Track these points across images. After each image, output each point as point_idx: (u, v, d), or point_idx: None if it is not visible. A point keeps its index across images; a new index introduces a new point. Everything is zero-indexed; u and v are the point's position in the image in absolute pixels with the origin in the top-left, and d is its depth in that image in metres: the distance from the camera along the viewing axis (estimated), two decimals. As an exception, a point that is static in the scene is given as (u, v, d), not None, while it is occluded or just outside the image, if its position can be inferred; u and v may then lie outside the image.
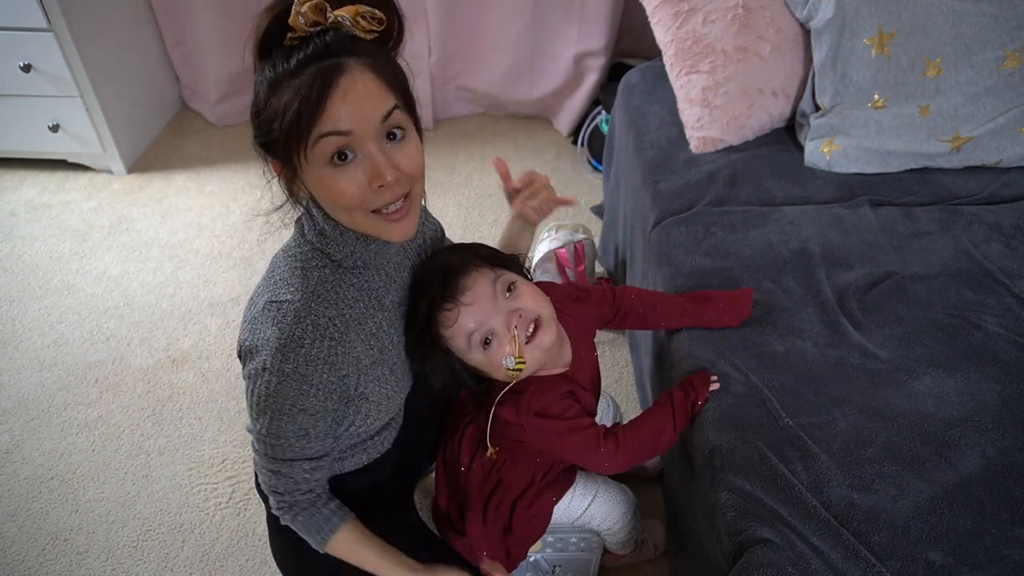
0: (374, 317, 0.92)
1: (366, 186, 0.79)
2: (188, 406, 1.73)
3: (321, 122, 0.74)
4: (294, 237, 0.92)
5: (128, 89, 2.39)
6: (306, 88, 0.73)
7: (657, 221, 1.45)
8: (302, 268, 0.87)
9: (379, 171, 0.78)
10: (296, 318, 0.83)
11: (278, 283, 0.87)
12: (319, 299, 0.86)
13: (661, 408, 1.08)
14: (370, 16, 0.76)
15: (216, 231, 2.22)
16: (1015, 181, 1.48)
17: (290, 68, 0.74)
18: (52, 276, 2.07)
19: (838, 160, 1.51)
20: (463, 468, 1.14)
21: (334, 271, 0.89)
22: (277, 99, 0.75)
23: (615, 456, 1.03)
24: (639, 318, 1.20)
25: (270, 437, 0.87)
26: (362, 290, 0.91)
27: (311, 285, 0.86)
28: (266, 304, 0.86)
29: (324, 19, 0.74)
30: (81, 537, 1.49)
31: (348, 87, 0.74)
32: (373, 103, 0.76)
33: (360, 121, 0.76)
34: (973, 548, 0.89)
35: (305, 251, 0.89)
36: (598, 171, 2.38)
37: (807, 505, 0.93)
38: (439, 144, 2.58)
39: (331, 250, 0.88)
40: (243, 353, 0.89)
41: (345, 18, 0.75)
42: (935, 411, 1.05)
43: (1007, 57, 1.42)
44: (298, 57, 0.74)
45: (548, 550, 1.27)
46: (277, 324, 0.83)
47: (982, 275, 1.27)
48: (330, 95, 0.74)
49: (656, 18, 1.65)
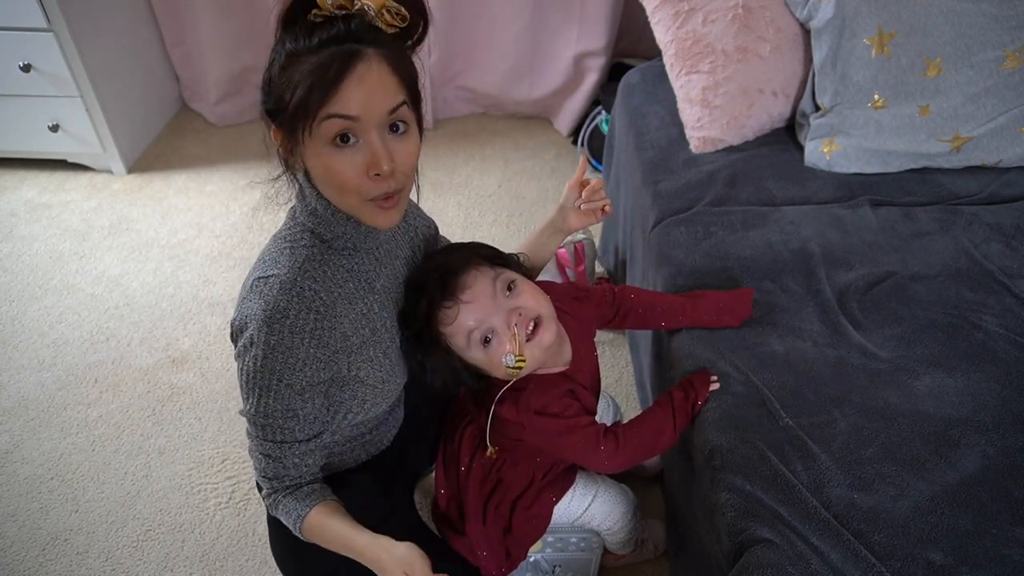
0: (365, 299, 0.94)
1: (363, 172, 0.81)
2: (188, 406, 1.73)
3: (331, 103, 0.77)
4: (285, 221, 0.94)
5: (128, 89, 2.39)
6: (323, 67, 0.76)
7: (657, 221, 1.45)
8: (291, 247, 0.89)
9: (377, 160, 0.80)
10: (281, 289, 0.85)
11: (267, 262, 0.89)
12: (305, 274, 0.87)
13: (661, 408, 1.08)
14: (395, 11, 0.79)
15: (216, 231, 2.22)
16: (1015, 181, 1.48)
17: (311, 45, 0.77)
18: (52, 276, 2.07)
19: (838, 160, 1.51)
20: (463, 468, 1.14)
21: (323, 251, 0.90)
22: (292, 72, 0.77)
23: (615, 455, 1.03)
24: (639, 318, 1.20)
25: (259, 416, 0.88)
26: (352, 271, 0.93)
27: (299, 261, 0.88)
28: (254, 281, 0.88)
29: (351, 4, 0.77)
30: (81, 537, 1.49)
31: (363, 74, 0.77)
32: (384, 94, 0.79)
33: (368, 109, 0.78)
34: (973, 548, 0.89)
35: (295, 231, 0.90)
36: (598, 171, 2.38)
37: (807, 505, 0.93)
38: (439, 144, 2.58)
39: (322, 230, 0.90)
40: (233, 333, 0.90)
41: (371, 7, 0.77)
42: (935, 411, 1.05)
43: (1007, 57, 1.42)
44: (320, 36, 0.77)
45: (548, 550, 1.27)
46: (263, 297, 0.85)
47: (982, 275, 1.27)
48: (345, 78, 0.76)
49: (656, 18, 1.65)
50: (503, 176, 2.43)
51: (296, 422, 0.90)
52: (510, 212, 2.30)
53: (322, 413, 0.93)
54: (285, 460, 0.92)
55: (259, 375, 0.86)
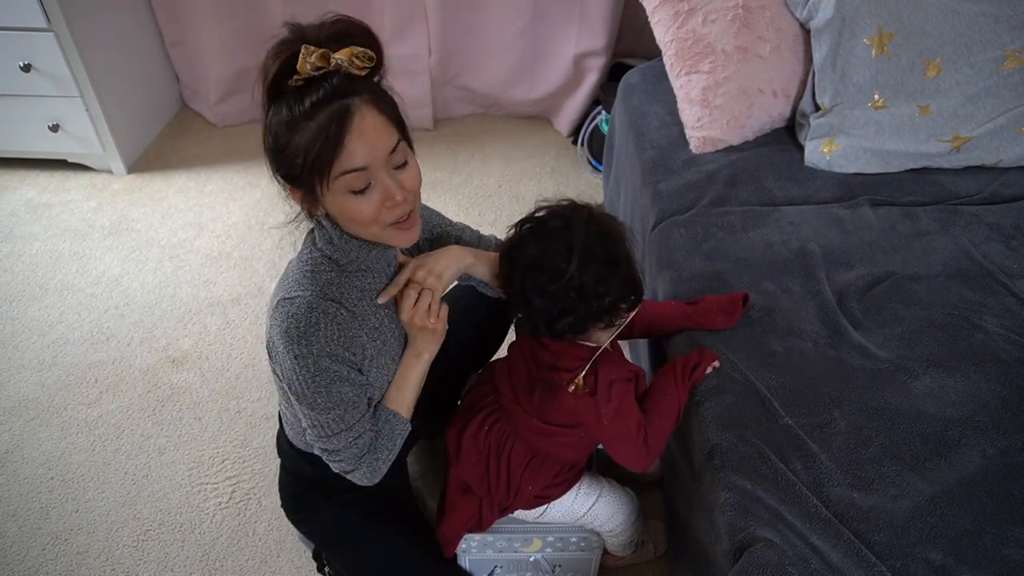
0: (376, 315, 1.04)
1: (380, 205, 0.92)
2: (188, 406, 1.73)
3: (340, 161, 0.86)
4: (306, 245, 1.03)
5: (128, 89, 2.39)
6: (323, 130, 0.85)
7: (657, 222, 1.45)
8: (312, 271, 0.99)
9: (390, 192, 0.91)
10: (308, 308, 0.95)
11: (290, 284, 0.99)
12: (326, 296, 0.97)
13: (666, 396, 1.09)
14: (363, 55, 0.87)
15: (216, 231, 2.22)
16: (1015, 181, 1.48)
17: (305, 110, 0.85)
18: (52, 276, 2.07)
19: (838, 160, 1.51)
20: (470, 458, 1.15)
21: (339, 274, 1.00)
22: (298, 138, 0.87)
23: (647, 457, 1.06)
24: (643, 329, 1.23)
25: (319, 413, 0.98)
26: (364, 291, 1.02)
27: (319, 285, 0.98)
28: (279, 302, 0.97)
29: (328, 64, 0.85)
30: (81, 537, 1.49)
31: (360, 127, 0.86)
32: (382, 139, 0.88)
33: (373, 156, 0.88)
34: (973, 548, 0.89)
35: (315, 257, 1.00)
36: (598, 171, 2.38)
37: (807, 504, 0.93)
38: (439, 144, 2.58)
39: (338, 256, 0.99)
40: (268, 347, 1.02)
41: (343, 60, 0.85)
42: (935, 411, 1.05)
43: (1007, 57, 1.42)
44: (310, 100, 0.85)
45: (548, 550, 1.27)
46: (292, 316, 0.95)
47: (982, 275, 1.27)
48: (346, 135, 0.85)
49: (656, 18, 1.65)
50: (503, 176, 2.43)
51: (345, 409, 0.99)
52: (510, 212, 2.30)
53: (361, 396, 1.02)
54: (343, 448, 1.03)
55: (313, 379, 0.95)
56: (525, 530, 1.24)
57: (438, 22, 2.36)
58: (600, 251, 0.99)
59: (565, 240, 0.99)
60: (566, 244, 0.99)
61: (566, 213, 1.03)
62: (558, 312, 1.01)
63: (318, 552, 1.35)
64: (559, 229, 1.01)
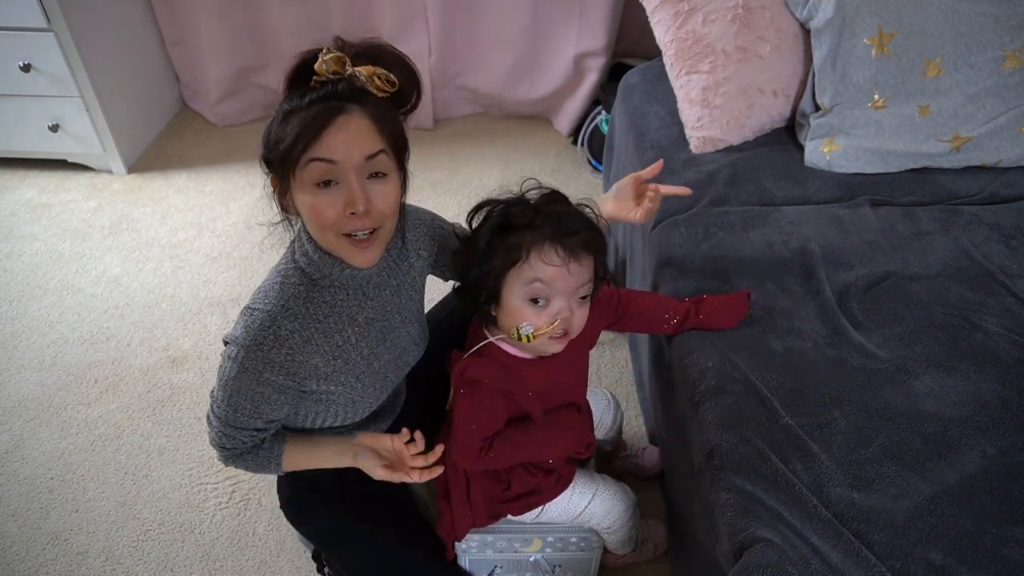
0: (343, 332, 1.02)
1: (341, 210, 0.90)
2: (188, 406, 1.73)
3: (313, 148, 0.86)
4: (284, 255, 1.03)
5: (128, 89, 2.39)
6: (309, 119, 0.86)
7: (657, 221, 1.45)
8: (281, 283, 0.99)
9: (353, 199, 0.89)
10: (262, 326, 0.95)
11: (259, 294, 0.99)
12: (287, 312, 0.97)
13: (535, 441, 1.09)
14: (384, 78, 0.89)
15: (216, 231, 2.22)
16: (1015, 181, 1.48)
17: (302, 104, 0.87)
18: (52, 276, 2.07)
19: (838, 160, 1.51)
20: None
21: (309, 288, 0.99)
22: (285, 125, 0.88)
23: (476, 464, 1.07)
24: (639, 323, 1.22)
25: (224, 409, 1.00)
26: (333, 307, 1.01)
27: (285, 299, 0.97)
28: (244, 308, 0.99)
29: (343, 70, 0.88)
30: (81, 537, 1.49)
31: (343, 124, 0.87)
32: (362, 142, 0.88)
33: (346, 154, 0.87)
34: (973, 548, 0.89)
35: (288, 269, 1.00)
36: (598, 171, 2.38)
37: (807, 505, 0.93)
38: (439, 144, 2.58)
39: (311, 270, 0.99)
40: (225, 338, 1.03)
41: (361, 74, 0.88)
42: (935, 411, 1.05)
43: (1007, 57, 1.42)
44: (311, 96, 0.87)
45: (548, 550, 1.27)
46: (247, 327, 0.96)
47: (982, 275, 1.27)
48: (327, 127, 0.86)
49: (656, 18, 1.65)
50: (503, 176, 2.43)
51: (258, 418, 1.01)
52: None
53: (286, 415, 1.04)
54: (244, 439, 1.04)
55: (231, 383, 0.97)
56: (525, 530, 1.24)
57: (438, 22, 2.36)
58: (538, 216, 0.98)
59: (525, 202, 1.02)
60: (523, 200, 1.02)
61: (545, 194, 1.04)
62: (464, 263, 1.04)
63: (318, 552, 1.35)
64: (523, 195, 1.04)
